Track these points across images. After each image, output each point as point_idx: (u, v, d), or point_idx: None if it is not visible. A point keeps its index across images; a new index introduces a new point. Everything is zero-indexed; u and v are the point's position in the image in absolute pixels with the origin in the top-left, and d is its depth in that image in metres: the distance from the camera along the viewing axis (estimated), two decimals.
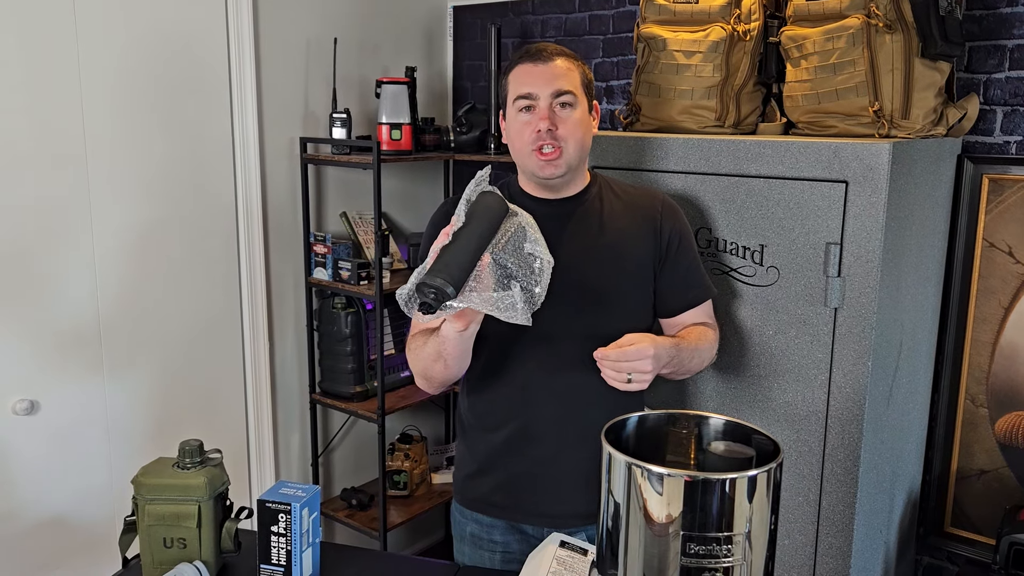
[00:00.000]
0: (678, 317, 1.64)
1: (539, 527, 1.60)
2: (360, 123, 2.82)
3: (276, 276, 2.68)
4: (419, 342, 1.52)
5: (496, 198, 1.34)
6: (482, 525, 1.65)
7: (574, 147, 1.52)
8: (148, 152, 2.32)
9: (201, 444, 1.44)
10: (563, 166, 1.52)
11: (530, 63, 1.52)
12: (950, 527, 2.22)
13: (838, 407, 1.77)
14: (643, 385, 1.42)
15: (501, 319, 1.26)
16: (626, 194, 1.64)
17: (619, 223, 1.60)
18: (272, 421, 2.72)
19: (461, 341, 1.41)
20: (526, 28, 2.92)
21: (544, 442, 1.58)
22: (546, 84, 1.50)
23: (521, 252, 1.31)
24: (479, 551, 1.66)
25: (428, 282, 1.22)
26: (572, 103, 1.51)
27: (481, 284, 1.27)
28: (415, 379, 1.57)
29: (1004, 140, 2.04)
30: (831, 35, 1.83)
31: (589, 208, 1.60)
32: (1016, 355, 2.06)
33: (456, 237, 1.27)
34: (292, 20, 2.61)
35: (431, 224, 1.63)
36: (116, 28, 2.21)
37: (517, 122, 1.53)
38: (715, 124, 2.04)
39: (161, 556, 1.41)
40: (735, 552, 0.95)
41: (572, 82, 1.52)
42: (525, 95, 1.51)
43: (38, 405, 2.17)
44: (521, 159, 1.56)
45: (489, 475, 1.63)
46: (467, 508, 1.68)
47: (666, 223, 1.61)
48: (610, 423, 1.09)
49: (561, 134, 1.50)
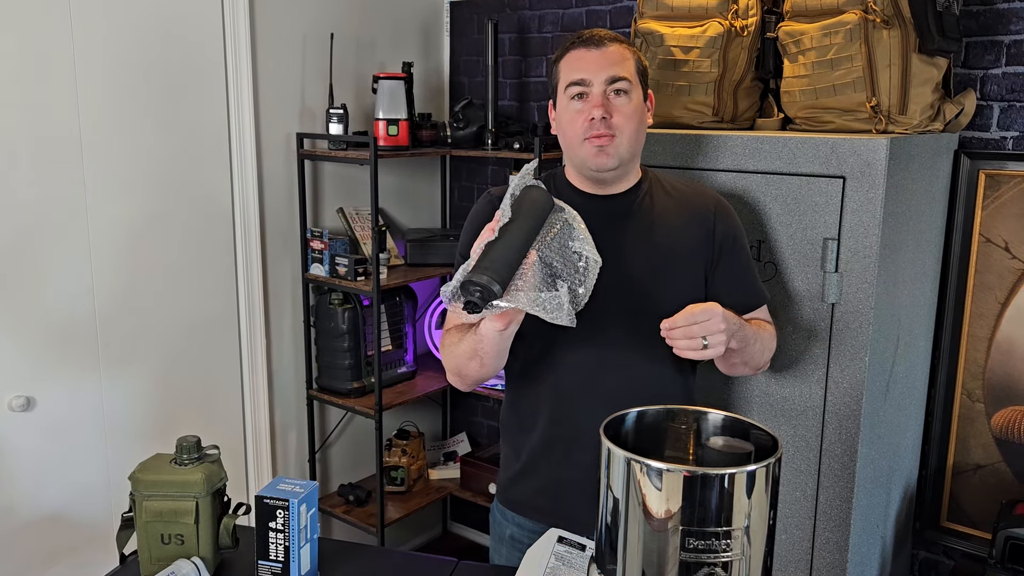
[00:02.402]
0: None
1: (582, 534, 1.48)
2: (357, 119, 2.81)
3: (273, 272, 2.68)
4: (454, 338, 1.46)
5: (542, 192, 1.29)
6: (524, 529, 1.59)
7: (628, 138, 1.45)
8: (144, 147, 2.31)
9: (199, 440, 1.44)
10: (616, 158, 1.45)
11: (583, 48, 1.45)
12: (946, 522, 2.23)
13: (835, 402, 1.78)
14: (720, 349, 1.32)
15: (545, 319, 1.22)
16: (678, 192, 1.57)
17: (671, 222, 1.52)
18: (269, 417, 2.72)
19: (500, 340, 1.35)
20: (523, 23, 2.92)
21: (587, 446, 1.50)
22: (600, 70, 1.43)
23: (567, 250, 1.26)
24: (517, 554, 1.57)
25: (475, 280, 1.17)
26: (627, 90, 1.44)
27: (527, 283, 1.22)
28: (447, 375, 1.52)
29: (1001, 136, 2.05)
30: (828, 30, 1.83)
31: (640, 206, 1.52)
32: (1012, 350, 2.06)
33: (502, 233, 1.22)
34: (288, 15, 2.60)
35: (471, 221, 1.56)
36: (112, 22, 2.20)
37: (569, 111, 1.46)
38: (712, 120, 2.04)
39: (159, 552, 1.41)
40: (734, 547, 0.95)
41: (627, 69, 1.45)
42: (578, 81, 1.44)
43: (34, 401, 2.17)
44: (571, 150, 1.48)
45: (532, 477, 1.57)
46: (509, 510, 1.62)
47: (720, 224, 1.54)
48: (608, 418, 1.09)
49: (616, 123, 1.42)
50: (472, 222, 1.55)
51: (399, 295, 2.84)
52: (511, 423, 1.61)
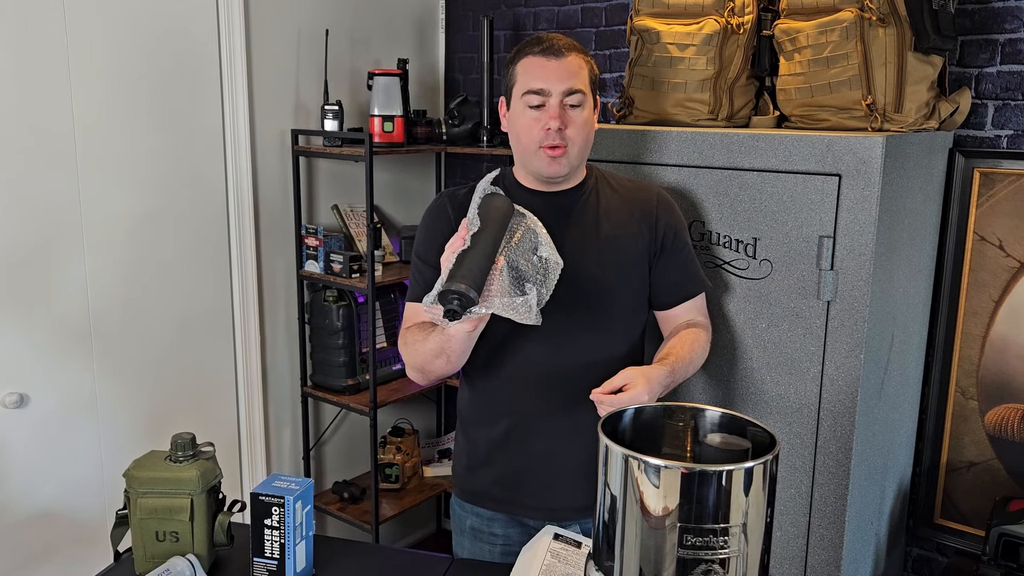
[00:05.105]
0: (672, 310, 1.65)
1: (539, 520, 1.59)
2: (352, 115, 2.80)
3: (267, 269, 2.67)
4: (416, 336, 1.50)
5: (504, 200, 1.34)
6: (482, 518, 1.65)
7: (579, 147, 1.51)
8: (138, 143, 2.30)
9: (194, 437, 1.43)
10: (567, 165, 1.51)
11: (543, 57, 1.47)
12: (940, 519, 2.23)
13: (830, 400, 1.78)
14: None
15: (516, 320, 1.29)
16: (622, 187, 1.64)
17: (616, 217, 1.59)
18: (264, 414, 2.71)
19: (468, 340, 1.41)
20: (518, 20, 2.91)
21: (543, 435, 1.58)
22: (559, 81, 1.46)
23: (532, 254, 1.32)
24: (479, 544, 1.66)
25: (453, 288, 1.22)
26: (581, 103, 1.49)
27: (498, 288, 1.28)
28: (407, 371, 1.56)
29: (995, 134, 2.05)
30: (824, 28, 1.83)
31: (586, 202, 1.59)
32: (1006, 348, 2.07)
33: (473, 242, 1.28)
34: (283, 11, 2.59)
35: (427, 222, 1.61)
36: (106, 18, 2.19)
37: (525, 117, 1.49)
38: (708, 117, 2.04)
39: (153, 550, 1.40)
40: (731, 544, 0.96)
41: (583, 80, 1.49)
42: (537, 91, 1.47)
43: (28, 398, 2.16)
44: (526, 155, 1.53)
45: (489, 468, 1.63)
46: (467, 501, 1.67)
47: (662, 217, 1.61)
48: (607, 415, 1.09)
49: (569, 134, 1.48)
50: (428, 223, 1.61)
51: (394, 292, 2.84)
52: (469, 415, 1.66)
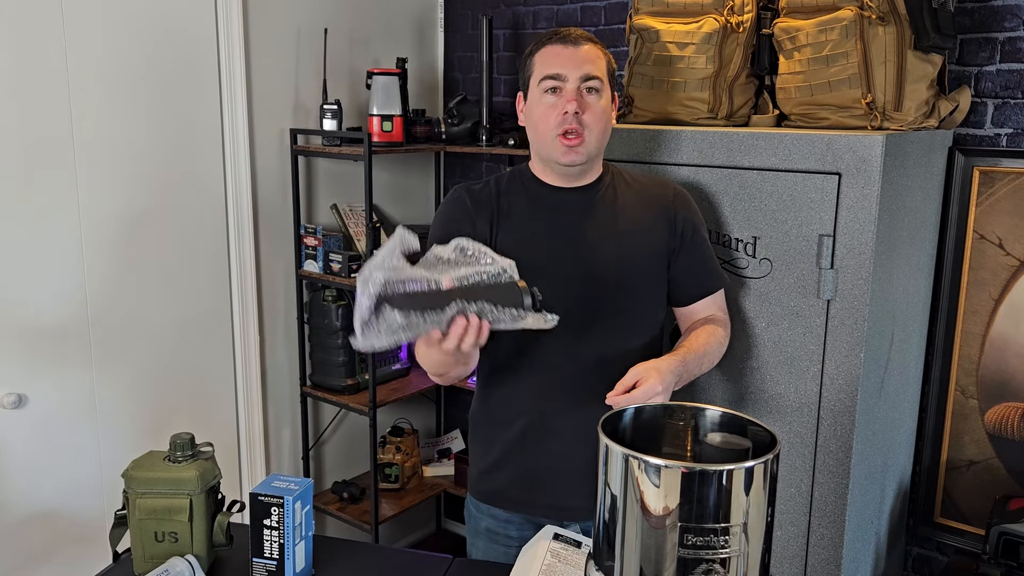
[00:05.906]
0: (691, 307, 1.63)
1: (556, 521, 1.56)
2: (351, 114, 2.80)
3: (266, 268, 2.67)
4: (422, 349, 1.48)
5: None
6: (498, 520, 1.63)
7: (597, 135, 1.50)
8: (137, 143, 2.29)
9: (192, 437, 1.43)
10: (584, 154, 1.49)
11: (559, 45, 1.48)
12: (940, 517, 2.23)
13: (830, 399, 1.78)
14: None
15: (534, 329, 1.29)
16: (638, 184, 1.62)
17: (633, 212, 1.57)
18: (263, 414, 2.71)
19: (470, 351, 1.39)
20: (517, 19, 2.91)
21: (560, 435, 1.55)
22: (575, 67, 1.47)
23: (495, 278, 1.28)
24: (494, 546, 1.63)
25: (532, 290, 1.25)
26: (599, 89, 1.49)
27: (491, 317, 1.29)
28: (429, 375, 1.55)
29: (995, 132, 2.05)
30: (824, 27, 1.83)
31: (603, 197, 1.57)
32: (1006, 346, 2.07)
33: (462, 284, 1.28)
34: (282, 10, 2.59)
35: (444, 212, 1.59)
36: (105, 17, 2.18)
37: (542, 104, 1.49)
38: (708, 116, 2.04)
39: (152, 550, 1.40)
40: (732, 543, 0.95)
41: (600, 68, 1.49)
42: (553, 75, 1.47)
43: (26, 399, 2.15)
44: (543, 144, 1.51)
45: (505, 469, 1.60)
46: (483, 502, 1.64)
47: (680, 213, 1.60)
48: (607, 415, 1.09)
49: (587, 120, 1.47)
50: (445, 210, 1.59)
51: None
52: (483, 417, 1.64)
